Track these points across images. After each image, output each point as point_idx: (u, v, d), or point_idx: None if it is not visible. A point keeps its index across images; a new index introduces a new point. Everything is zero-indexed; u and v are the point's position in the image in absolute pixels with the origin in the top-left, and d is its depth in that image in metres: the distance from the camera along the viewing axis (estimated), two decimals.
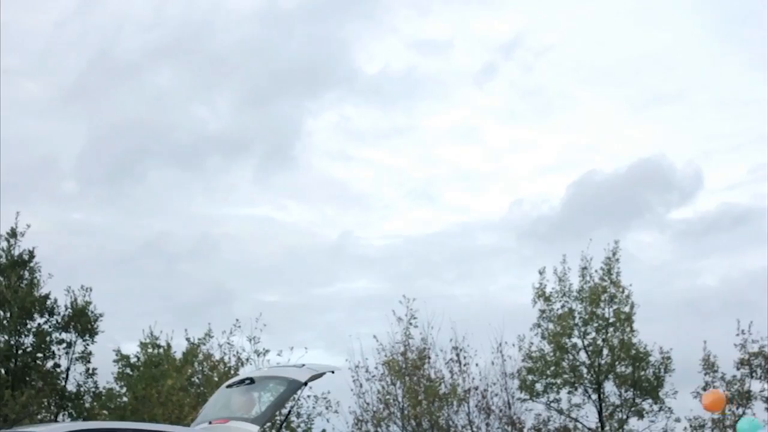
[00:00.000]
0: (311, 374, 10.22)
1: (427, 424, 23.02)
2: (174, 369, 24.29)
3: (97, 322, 23.33)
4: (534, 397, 24.49)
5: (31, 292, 22.63)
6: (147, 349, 26.83)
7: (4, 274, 22.75)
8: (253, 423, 9.87)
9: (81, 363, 23.36)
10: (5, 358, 22.37)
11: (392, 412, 23.09)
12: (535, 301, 25.05)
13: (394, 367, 22.99)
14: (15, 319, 22.34)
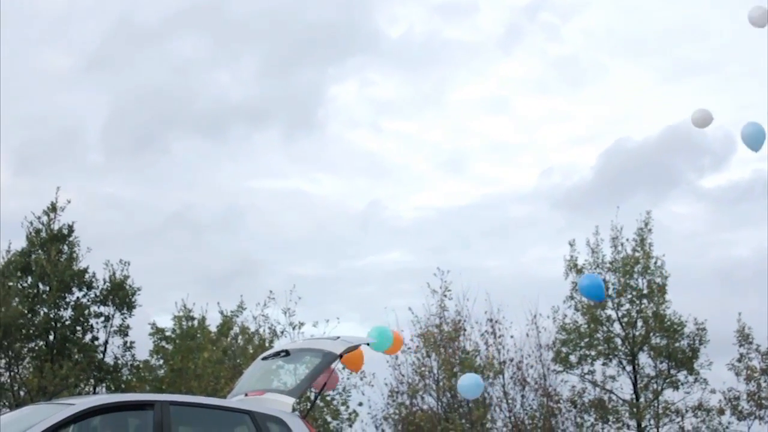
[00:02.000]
0: (346, 346, 10.28)
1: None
2: (209, 342, 24.46)
3: (134, 296, 23.52)
4: (569, 368, 24.48)
5: (70, 266, 22.83)
6: (181, 322, 27.03)
7: (44, 248, 22.95)
8: (289, 395, 9.94)
9: (119, 336, 23.58)
10: (44, 331, 22.61)
11: (427, 383, 23.18)
12: (567, 273, 25.00)
13: (429, 339, 23.06)
14: (55, 293, 22.55)
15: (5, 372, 22.17)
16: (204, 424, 9.58)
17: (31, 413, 9.34)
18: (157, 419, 8.94)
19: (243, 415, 9.59)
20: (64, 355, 22.15)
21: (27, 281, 22.93)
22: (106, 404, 9.24)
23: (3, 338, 21.60)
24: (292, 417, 9.77)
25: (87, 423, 8.93)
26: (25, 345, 22.41)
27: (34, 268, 22.79)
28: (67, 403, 9.16)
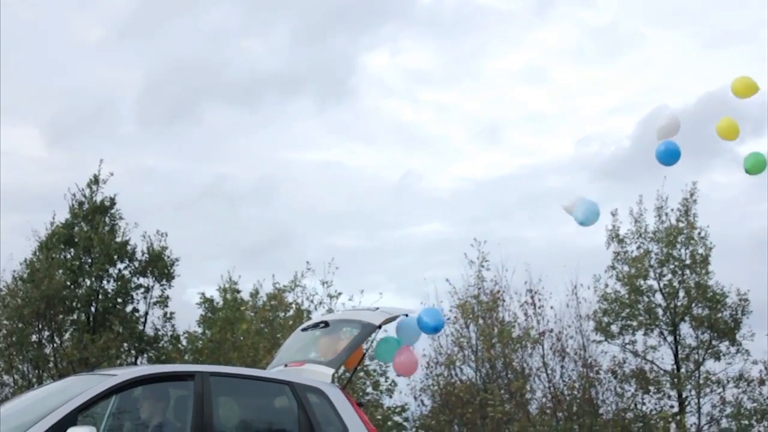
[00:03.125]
0: (385, 317, 10.28)
1: (501, 366, 23.07)
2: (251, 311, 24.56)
3: (172, 267, 23.63)
4: (609, 339, 24.38)
5: (113, 239, 22.96)
6: (226, 294, 27.16)
7: (87, 220, 23.08)
8: (328, 366, 9.96)
9: (159, 307, 23.72)
10: (87, 303, 22.77)
11: (466, 354, 23.18)
12: (609, 243, 24.85)
13: (467, 310, 23.03)
14: (98, 265, 22.70)
15: (48, 344, 22.38)
16: (244, 395, 9.62)
17: (74, 384, 9.41)
18: (198, 390, 8.98)
19: (283, 386, 9.62)
20: (106, 327, 22.31)
21: (70, 253, 23.08)
22: (148, 375, 9.29)
23: (46, 310, 21.79)
24: (331, 388, 9.79)
25: (128, 393, 8.99)
26: (67, 317, 22.60)
27: (77, 240, 22.94)
28: (109, 373, 9.22)
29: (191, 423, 8.89)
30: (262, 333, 23.42)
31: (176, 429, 8.99)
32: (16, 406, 9.55)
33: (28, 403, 9.41)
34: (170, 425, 9.00)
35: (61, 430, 8.20)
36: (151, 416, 9.02)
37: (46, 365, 21.94)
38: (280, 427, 9.57)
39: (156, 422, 8.97)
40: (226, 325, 24.29)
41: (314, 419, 9.44)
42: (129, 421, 9.10)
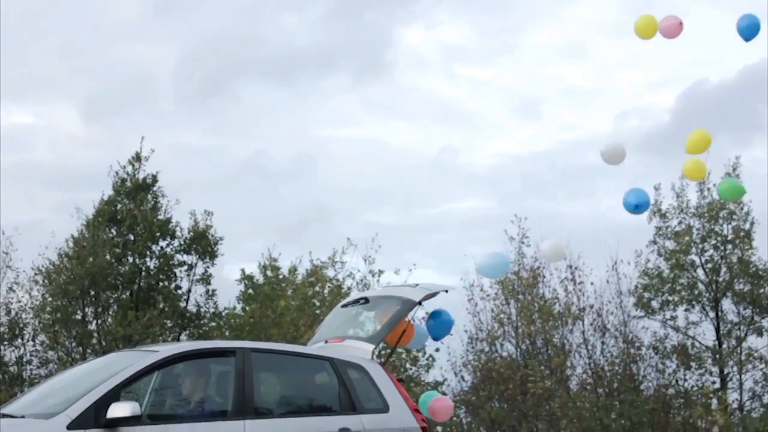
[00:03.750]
0: (425, 293, 10.30)
1: (542, 342, 23.07)
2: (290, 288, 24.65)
3: (216, 245, 23.74)
4: (650, 314, 24.29)
5: (156, 216, 23.09)
6: (266, 270, 27.26)
7: (130, 197, 23.23)
8: (368, 342, 10.00)
9: (201, 284, 23.85)
10: (130, 280, 22.95)
11: (506, 330, 23.18)
12: (651, 218, 24.71)
13: (507, 287, 23.01)
14: (142, 243, 22.85)
15: (92, 320, 22.59)
16: (285, 371, 9.68)
17: (117, 360, 9.51)
18: (239, 366, 9.05)
19: (323, 362, 9.67)
20: (149, 304, 22.48)
21: (114, 230, 23.24)
22: (190, 351, 9.38)
23: (90, 287, 21.97)
24: (371, 363, 9.83)
25: (171, 369, 9.07)
26: (111, 294, 22.79)
27: (121, 218, 23.09)
28: (152, 350, 9.31)
29: (232, 398, 8.97)
30: (302, 309, 23.53)
31: (217, 404, 9.06)
32: (60, 382, 9.68)
33: (72, 378, 9.53)
34: (212, 401, 9.08)
35: (105, 405, 8.29)
36: (192, 392, 9.10)
37: (89, 342, 22.15)
38: (320, 403, 9.63)
39: (197, 398, 9.06)
40: (267, 301, 24.40)
41: (354, 395, 9.49)
42: (171, 396, 9.18)
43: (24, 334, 21.87)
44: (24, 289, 22.13)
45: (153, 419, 8.69)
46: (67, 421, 8.18)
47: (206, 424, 8.75)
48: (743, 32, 11.35)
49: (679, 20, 11.63)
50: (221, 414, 8.94)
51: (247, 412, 8.91)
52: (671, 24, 11.56)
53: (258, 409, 9.06)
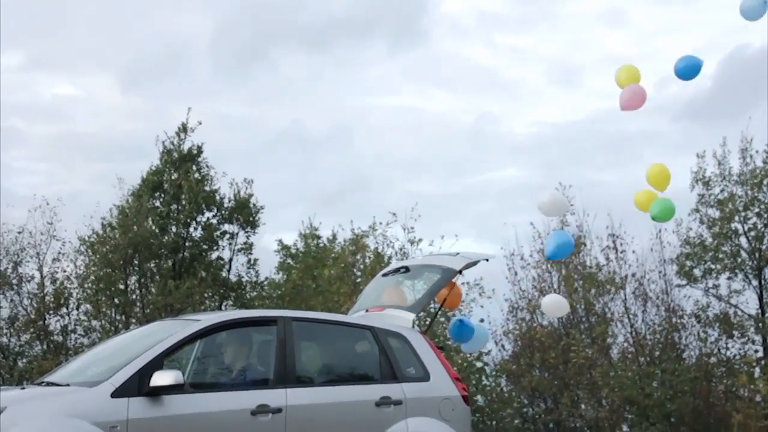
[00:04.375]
0: (466, 262, 10.30)
1: (583, 311, 23.00)
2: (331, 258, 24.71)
3: (258, 214, 23.81)
4: (692, 283, 24.12)
5: (201, 187, 23.17)
6: (307, 240, 27.33)
7: (176, 167, 23.32)
8: (409, 311, 10.03)
9: (243, 254, 23.94)
10: (173, 250, 23.08)
11: None
12: (694, 185, 24.49)
13: None
14: (186, 213, 22.96)
15: (135, 290, 22.76)
16: (326, 340, 9.73)
17: (160, 329, 9.60)
18: (280, 335, 9.10)
19: (364, 331, 9.71)
20: (190, 273, 22.61)
21: (159, 201, 23.36)
22: (231, 320, 9.45)
23: (133, 257, 22.12)
24: (412, 332, 9.86)
25: (213, 338, 9.15)
26: (154, 263, 22.93)
27: (166, 188, 23.19)
28: (194, 319, 9.38)
29: (274, 367, 9.03)
30: (342, 279, 23.59)
31: (259, 373, 9.13)
32: (104, 351, 9.78)
33: (115, 347, 9.62)
34: (253, 369, 9.14)
35: (148, 374, 8.37)
36: (234, 360, 9.17)
37: (132, 311, 22.34)
38: (361, 372, 9.67)
39: (239, 366, 9.12)
40: (308, 270, 24.47)
41: (395, 363, 9.52)
42: (213, 365, 9.26)
43: (68, 303, 22.06)
44: (68, 259, 22.33)
45: (195, 387, 8.77)
46: (111, 389, 8.27)
47: (248, 393, 8.82)
48: (681, 73, 11.18)
49: (643, 94, 11.41)
50: (263, 382, 9.01)
51: (288, 381, 8.97)
52: (633, 95, 11.32)
53: (299, 378, 9.12)
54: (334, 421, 9.02)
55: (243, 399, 8.73)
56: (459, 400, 9.69)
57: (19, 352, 21.58)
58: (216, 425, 8.53)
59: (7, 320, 21.60)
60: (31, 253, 21.92)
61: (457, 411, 9.62)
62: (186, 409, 8.45)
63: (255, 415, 8.68)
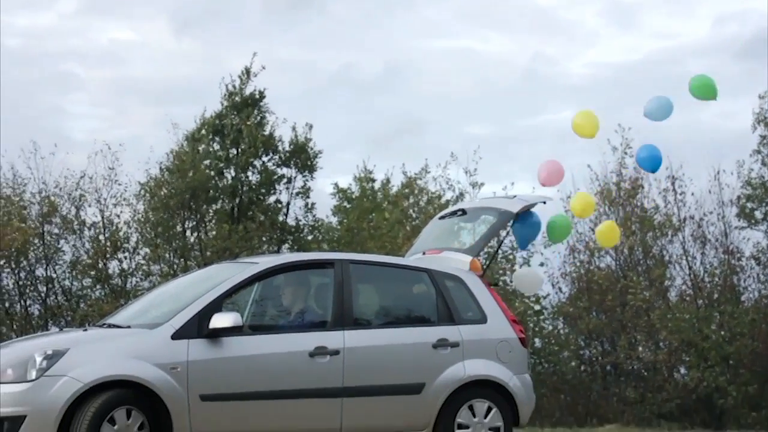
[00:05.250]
0: (523, 205, 10.24)
1: (641, 254, 22.86)
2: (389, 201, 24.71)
3: (315, 159, 23.81)
4: (753, 225, 23.85)
5: (261, 131, 23.19)
6: (362, 183, 27.32)
7: (237, 111, 23.35)
8: (466, 253, 10.01)
9: (300, 198, 24.00)
10: (231, 194, 23.19)
11: None
12: (755, 126, 24.13)
13: (608, 197, 22.77)
14: (245, 157, 23.02)
15: (192, 234, 22.93)
16: (383, 282, 9.76)
17: (218, 272, 9.68)
18: (338, 277, 9.14)
19: (421, 273, 9.72)
20: (248, 217, 22.71)
21: (217, 144, 23.42)
22: (289, 263, 9.50)
23: (191, 201, 22.24)
24: (469, 275, 9.84)
25: (271, 281, 9.20)
26: (211, 207, 23.06)
27: (226, 132, 23.23)
28: (252, 261, 9.45)
29: (331, 309, 9.08)
30: (399, 222, 23.61)
31: (317, 315, 9.18)
32: (163, 294, 9.88)
33: (175, 290, 9.72)
34: (311, 311, 9.20)
35: (207, 316, 8.46)
36: (292, 303, 9.23)
37: (190, 255, 22.53)
38: (418, 314, 9.69)
39: (297, 309, 9.18)
40: (364, 214, 24.50)
41: (452, 306, 9.53)
42: (271, 307, 9.33)
43: (128, 247, 22.30)
44: (128, 204, 22.53)
45: (254, 329, 8.86)
46: (171, 331, 8.38)
47: (306, 335, 8.88)
48: (643, 164, 10.84)
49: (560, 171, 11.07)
50: (321, 324, 9.06)
51: (346, 323, 9.02)
52: (551, 173, 11.00)
53: (357, 320, 9.17)
54: (391, 362, 9.06)
55: (301, 341, 8.80)
56: (516, 342, 9.69)
57: (80, 295, 21.88)
58: (274, 366, 8.61)
59: (68, 264, 21.88)
60: (92, 198, 22.12)
61: (514, 353, 9.62)
62: (245, 350, 8.54)
63: (313, 357, 8.75)
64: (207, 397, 8.31)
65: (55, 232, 21.76)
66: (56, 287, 21.64)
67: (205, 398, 8.30)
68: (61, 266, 21.83)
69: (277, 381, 8.59)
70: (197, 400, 8.27)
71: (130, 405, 8.07)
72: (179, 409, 8.20)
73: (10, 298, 21.26)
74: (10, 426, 7.86)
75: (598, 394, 22.42)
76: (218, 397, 8.36)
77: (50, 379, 7.90)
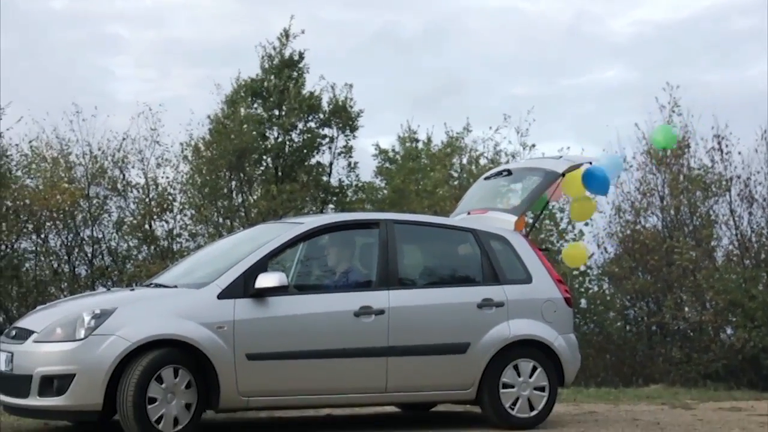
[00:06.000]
0: (568, 165, 10.20)
1: (687, 213, 22.68)
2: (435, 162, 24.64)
3: (357, 118, 23.82)
4: None
5: (300, 92, 23.22)
6: (405, 143, 27.29)
7: (277, 73, 23.36)
8: (511, 213, 9.99)
9: (343, 158, 24.02)
10: (276, 155, 23.25)
11: (651, 202, 22.83)
12: None
13: (656, 156, 22.58)
14: (287, 119, 23.05)
15: (238, 195, 23.01)
16: (428, 242, 9.76)
17: (263, 232, 9.73)
18: (382, 237, 9.16)
19: (466, 233, 9.72)
20: (292, 178, 22.76)
21: (259, 107, 23.47)
22: (334, 223, 9.53)
23: (237, 162, 22.30)
24: (514, 234, 9.83)
25: (316, 241, 9.24)
26: (255, 169, 23.13)
27: (266, 94, 23.27)
28: (297, 222, 9.48)
29: (376, 269, 9.10)
30: (445, 182, 23.58)
31: (362, 275, 9.21)
32: (209, 254, 9.95)
33: (220, 250, 9.78)
34: (356, 271, 9.22)
35: (252, 276, 8.50)
36: (337, 263, 9.26)
37: (236, 216, 22.62)
38: (463, 274, 9.70)
39: (342, 268, 9.21)
40: (411, 174, 24.45)
41: (497, 266, 9.53)
42: (316, 267, 9.37)
43: (173, 208, 22.41)
44: (171, 165, 22.62)
45: (299, 289, 8.90)
46: (217, 290, 8.43)
47: (351, 294, 8.92)
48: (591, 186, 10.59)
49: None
50: (366, 284, 9.09)
51: (391, 283, 9.04)
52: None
53: (402, 280, 9.19)
54: (435, 322, 9.08)
55: (346, 300, 8.83)
56: (561, 302, 9.68)
57: (126, 256, 22.05)
58: (320, 326, 8.65)
59: (114, 225, 22.04)
60: (136, 158, 22.23)
61: (559, 313, 9.62)
62: (290, 310, 8.58)
63: (358, 316, 8.78)
64: (253, 356, 8.37)
65: (102, 193, 21.90)
66: (103, 248, 21.81)
67: (251, 357, 8.36)
68: (107, 227, 21.98)
69: (322, 340, 8.63)
70: (243, 359, 8.33)
71: (177, 364, 8.14)
72: (226, 368, 8.27)
73: (58, 259, 21.46)
74: (59, 384, 7.97)
75: (643, 354, 22.33)
76: (264, 357, 8.41)
77: (98, 338, 7.99)
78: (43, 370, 8.01)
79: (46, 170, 21.68)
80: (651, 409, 11.83)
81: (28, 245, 21.13)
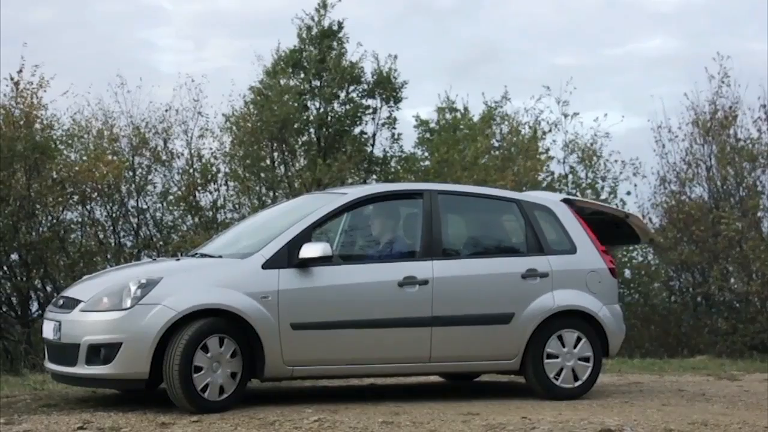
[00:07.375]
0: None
1: (734, 184, 22.46)
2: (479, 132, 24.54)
3: (401, 89, 23.74)
4: None
5: (340, 62, 23.18)
6: (444, 113, 27.18)
7: (316, 44, 23.33)
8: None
9: (386, 129, 23.98)
10: (319, 126, 23.26)
11: (697, 172, 22.63)
12: None
13: (704, 126, 22.36)
14: (329, 89, 23.03)
15: (280, 166, 23.03)
16: (472, 212, 9.74)
17: (308, 202, 9.75)
18: (426, 207, 9.14)
19: (510, 204, 9.70)
20: (335, 149, 22.77)
21: (299, 77, 23.45)
22: (378, 193, 9.53)
23: (279, 133, 22.30)
24: (559, 205, 9.79)
25: (360, 211, 9.25)
26: (298, 140, 23.14)
27: (306, 65, 23.26)
28: (341, 192, 9.48)
29: (420, 239, 9.09)
30: (489, 152, 23.50)
31: (406, 245, 9.20)
32: (253, 224, 9.99)
33: (264, 221, 9.81)
34: (400, 241, 9.22)
35: (297, 246, 8.51)
36: (381, 233, 9.26)
37: (279, 187, 22.65)
38: (507, 244, 9.68)
39: (387, 239, 9.20)
40: (454, 145, 24.37)
41: (541, 236, 9.49)
42: (360, 237, 9.38)
43: (216, 179, 22.47)
44: (214, 136, 22.66)
45: (343, 259, 8.91)
46: (261, 260, 8.46)
47: (395, 264, 8.91)
48: None
49: None
50: (410, 254, 9.09)
51: (435, 253, 9.03)
52: None
53: (445, 250, 9.18)
54: (480, 292, 9.06)
55: (390, 270, 8.83)
56: (606, 273, 9.63)
57: (171, 227, 22.16)
58: (364, 296, 8.66)
59: (159, 196, 22.15)
60: (179, 129, 22.30)
61: (603, 283, 9.57)
62: (334, 280, 8.59)
63: (402, 287, 8.78)
64: (298, 325, 8.40)
65: (146, 164, 22.00)
66: (148, 219, 21.93)
67: (296, 327, 8.39)
68: (152, 197, 22.10)
69: (366, 310, 8.64)
70: (288, 328, 8.36)
71: (223, 333, 8.18)
72: (270, 338, 8.30)
73: (103, 230, 21.61)
74: (106, 353, 8.04)
75: (688, 325, 22.21)
76: (309, 326, 8.44)
77: (144, 307, 8.04)
78: (90, 339, 8.08)
79: (89, 142, 21.80)
80: (696, 380, 11.77)
81: (74, 216, 21.29)
